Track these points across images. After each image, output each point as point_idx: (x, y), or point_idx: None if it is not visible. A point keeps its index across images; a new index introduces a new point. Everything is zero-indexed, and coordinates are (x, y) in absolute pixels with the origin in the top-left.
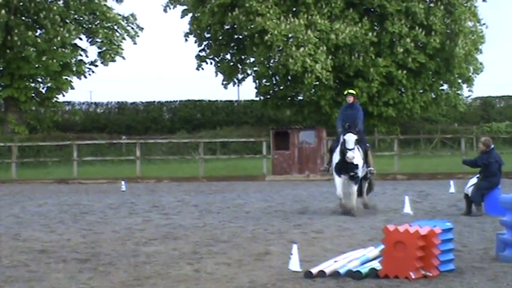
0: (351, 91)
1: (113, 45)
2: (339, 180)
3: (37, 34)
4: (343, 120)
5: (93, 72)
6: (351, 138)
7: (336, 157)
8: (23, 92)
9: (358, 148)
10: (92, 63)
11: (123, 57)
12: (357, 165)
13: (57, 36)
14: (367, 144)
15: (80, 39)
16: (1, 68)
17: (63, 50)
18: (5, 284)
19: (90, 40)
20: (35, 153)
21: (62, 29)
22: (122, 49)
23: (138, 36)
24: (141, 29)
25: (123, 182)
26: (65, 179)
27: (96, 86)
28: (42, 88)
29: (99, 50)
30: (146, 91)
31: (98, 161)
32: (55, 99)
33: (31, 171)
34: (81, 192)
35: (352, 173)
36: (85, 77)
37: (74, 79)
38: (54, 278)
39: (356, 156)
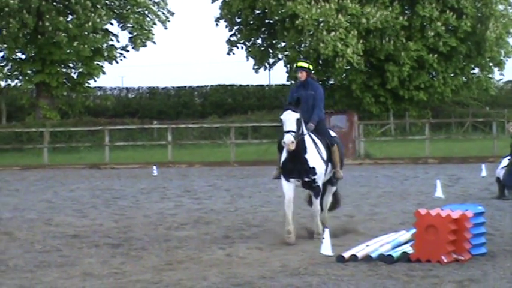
0: (301, 63)
1: (143, 30)
2: (286, 186)
3: (68, 19)
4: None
5: (124, 57)
6: (289, 118)
7: (284, 154)
8: (54, 77)
9: (315, 143)
10: (123, 48)
11: (154, 42)
12: (312, 168)
13: (88, 22)
14: (333, 137)
15: (111, 24)
16: (33, 54)
17: (95, 35)
18: (37, 268)
19: (121, 25)
20: (66, 139)
21: (93, 14)
22: (153, 34)
23: (169, 21)
24: (172, 13)
25: (154, 167)
26: (96, 164)
27: (128, 71)
28: (74, 73)
29: (130, 35)
30: (177, 76)
31: (130, 146)
32: (86, 84)
33: (63, 157)
34: (113, 177)
35: (306, 179)
36: (116, 62)
37: (105, 64)
38: (87, 262)
39: (310, 153)
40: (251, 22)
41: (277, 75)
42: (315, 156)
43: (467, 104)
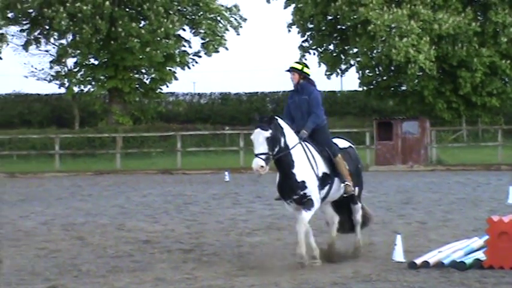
0: (293, 65)
1: (216, 36)
2: (290, 209)
3: (141, 25)
4: (289, 114)
5: (196, 63)
6: (257, 138)
7: (278, 173)
8: (127, 83)
9: (309, 154)
10: (196, 54)
11: (226, 48)
12: (302, 182)
13: (160, 28)
14: (335, 146)
15: (184, 30)
16: (106, 59)
17: (167, 41)
18: (110, 274)
19: (193, 31)
20: (139, 144)
21: (165, 20)
22: (225, 40)
23: (241, 27)
24: (244, 19)
25: (226, 173)
26: (168, 169)
27: (200, 77)
28: (146, 79)
29: (203, 41)
30: (249, 82)
31: (202, 151)
32: (159, 90)
33: (135, 162)
34: (185, 183)
35: (294, 196)
36: (188, 67)
37: (178, 70)
38: (159, 268)
39: (299, 166)
40: (323, 28)
41: (349, 81)
42: (304, 169)
43: None
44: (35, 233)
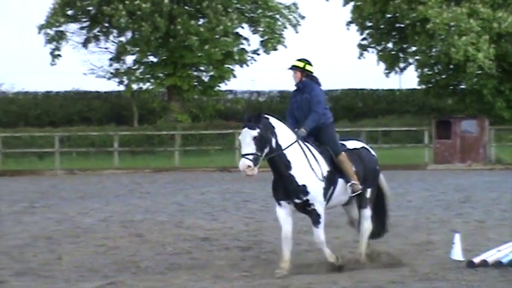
0: (295, 63)
1: (274, 34)
2: (281, 213)
3: (200, 23)
4: (292, 114)
5: (255, 60)
6: (244, 138)
7: None
8: (185, 80)
9: (309, 155)
10: (254, 51)
11: (285, 46)
12: (302, 186)
13: (219, 25)
14: (339, 145)
15: (242, 28)
16: (164, 57)
17: (226, 38)
18: (168, 271)
19: (252, 29)
20: (197, 142)
21: (224, 18)
22: (284, 38)
23: (299, 25)
24: (303, 17)
25: None
26: (227, 167)
27: (258, 75)
28: (205, 77)
29: (261, 39)
30: None
31: None
32: (217, 87)
33: (194, 159)
34: (243, 181)
35: (296, 200)
36: (247, 65)
37: (236, 67)
38: (217, 265)
39: (297, 168)
40: (382, 26)
41: (408, 79)
42: (305, 171)
43: None
44: (93, 229)
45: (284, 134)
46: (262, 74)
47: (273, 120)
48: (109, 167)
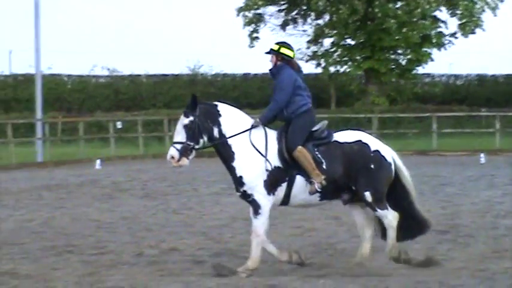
0: (273, 46)
1: (473, 17)
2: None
3: (397, 6)
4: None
5: (452, 44)
6: (177, 126)
7: None
8: (383, 63)
9: (265, 144)
10: (452, 35)
11: (483, 29)
12: (240, 177)
13: (417, 8)
14: (300, 137)
15: (440, 11)
16: (362, 40)
17: (423, 21)
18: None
19: (450, 12)
20: (395, 125)
21: (422, 1)
22: (482, 21)
23: (498, 8)
24: (502, 0)
25: (482, 155)
26: (424, 150)
27: (456, 58)
28: (402, 60)
29: (459, 22)
30: (507, 63)
31: (457, 133)
32: (415, 71)
33: (391, 142)
34: (440, 164)
35: (237, 192)
36: (445, 49)
37: (434, 51)
38: (414, 248)
39: (240, 159)
40: None
41: None
42: (245, 162)
43: None
44: (290, 211)
45: (232, 123)
46: (460, 57)
47: (222, 108)
48: None
